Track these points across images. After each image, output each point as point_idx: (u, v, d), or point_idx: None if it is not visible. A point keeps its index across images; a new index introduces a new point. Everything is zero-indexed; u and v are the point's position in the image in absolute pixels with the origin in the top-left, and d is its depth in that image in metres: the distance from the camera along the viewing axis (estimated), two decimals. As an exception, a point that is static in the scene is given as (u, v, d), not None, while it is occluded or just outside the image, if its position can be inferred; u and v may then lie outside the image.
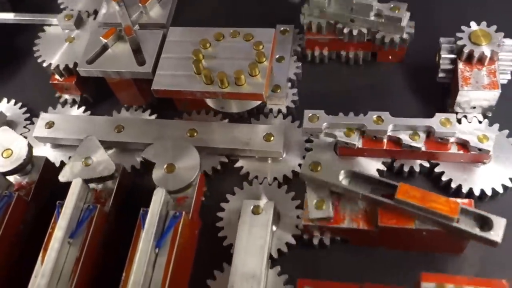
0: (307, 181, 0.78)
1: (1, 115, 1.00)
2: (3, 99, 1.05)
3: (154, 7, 0.97)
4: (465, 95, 0.86)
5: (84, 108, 1.01)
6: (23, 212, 0.82)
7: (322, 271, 0.80)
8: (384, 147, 0.83)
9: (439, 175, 0.84)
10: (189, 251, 0.82)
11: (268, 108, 0.95)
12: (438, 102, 0.93)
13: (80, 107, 1.02)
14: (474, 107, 0.88)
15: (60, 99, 1.04)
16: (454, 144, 0.82)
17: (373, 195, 0.74)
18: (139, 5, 0.95)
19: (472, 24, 0.87)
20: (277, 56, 0.96)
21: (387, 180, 0.75)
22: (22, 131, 0.99)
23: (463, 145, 0.82)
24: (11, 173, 0.84)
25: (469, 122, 0.84)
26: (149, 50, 0.91)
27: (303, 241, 0.81)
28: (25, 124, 1.01)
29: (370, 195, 0.74)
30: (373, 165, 0.85)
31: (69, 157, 0.92)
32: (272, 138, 0.88)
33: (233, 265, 0.74)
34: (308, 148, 0.89)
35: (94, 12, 1.07)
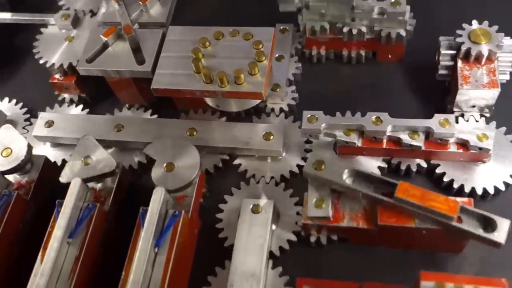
0: (310, 179, 0.78)
1: (1, 114, 1.00)
2: (3, 99, 1.05)
3: (154, 5, 0.97)
4: (464, 94, 0.86)
5: (82, 107, 1.01)
6: (22, 211, 0.82)
7: (321, 270, 0.80)
8: (384, 146, 0.83)
9: (441, 176, 0.84)
10: (189, 250, 0.82)
11: (269, 108, 0.95)
12: (438, 101, 0.93)
13: (78, 105, 1.01)
14: (473, 106, 0.88)
15: (59, 97, 1.03)
16: (453, 144, 0.82)
17: (373, 193, 0.74)
18: (139, 3, 0.95)
19: (473, 22, 0.87)
20: (276, 55, 0.96)
21: (388, 178, 0.75)
22: (22, 131, 0.99)
23: (463, 144, 0.82)
24: (10, 172, 0.84)
25: (466, 121, 0.84)
26: (148, 49, 0.91)
27: (302, 240, 0.80)
28: (25, 125, 1.01)
29: (370, 193, 0.74)
30: (373, 163, 0.85)
31: (70, 154, 0.92)
32: (272, 137, 0.88)
33: (233, 264, 0.74)
34: (308, 149, 0.89)
35: (90, 11, 1.06)
